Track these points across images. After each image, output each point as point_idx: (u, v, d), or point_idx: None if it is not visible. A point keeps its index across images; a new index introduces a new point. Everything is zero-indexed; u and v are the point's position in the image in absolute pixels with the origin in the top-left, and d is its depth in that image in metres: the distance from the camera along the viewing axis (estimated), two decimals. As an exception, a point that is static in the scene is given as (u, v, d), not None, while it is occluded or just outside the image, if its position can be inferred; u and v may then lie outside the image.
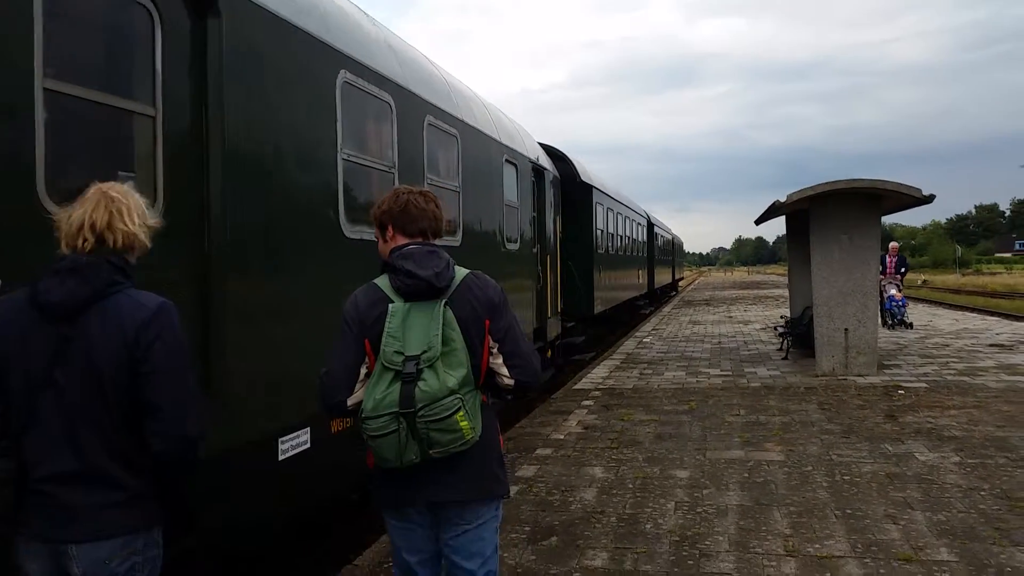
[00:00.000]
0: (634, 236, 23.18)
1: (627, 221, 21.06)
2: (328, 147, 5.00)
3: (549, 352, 11.65)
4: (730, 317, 24.63)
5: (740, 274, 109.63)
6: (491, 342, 2.84)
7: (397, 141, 6.02)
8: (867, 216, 11.90)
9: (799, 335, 14.20)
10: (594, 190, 15.12)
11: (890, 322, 18.02)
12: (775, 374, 12.18)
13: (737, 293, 42.43)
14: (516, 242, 9.68)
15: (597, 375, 12.66)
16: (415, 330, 2.71)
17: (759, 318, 23.78)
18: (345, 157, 5.18)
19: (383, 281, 2.86)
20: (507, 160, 9.26)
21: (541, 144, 12.77)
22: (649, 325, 22.50)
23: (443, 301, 2.77)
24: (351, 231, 5.18)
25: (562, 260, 13.39)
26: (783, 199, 11.77)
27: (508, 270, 9.28)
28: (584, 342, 14.23)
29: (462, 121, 7.59)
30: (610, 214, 17.51)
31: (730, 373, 12.42)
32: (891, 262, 18.46)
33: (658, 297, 34.21)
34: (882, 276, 17.38)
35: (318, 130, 4.87)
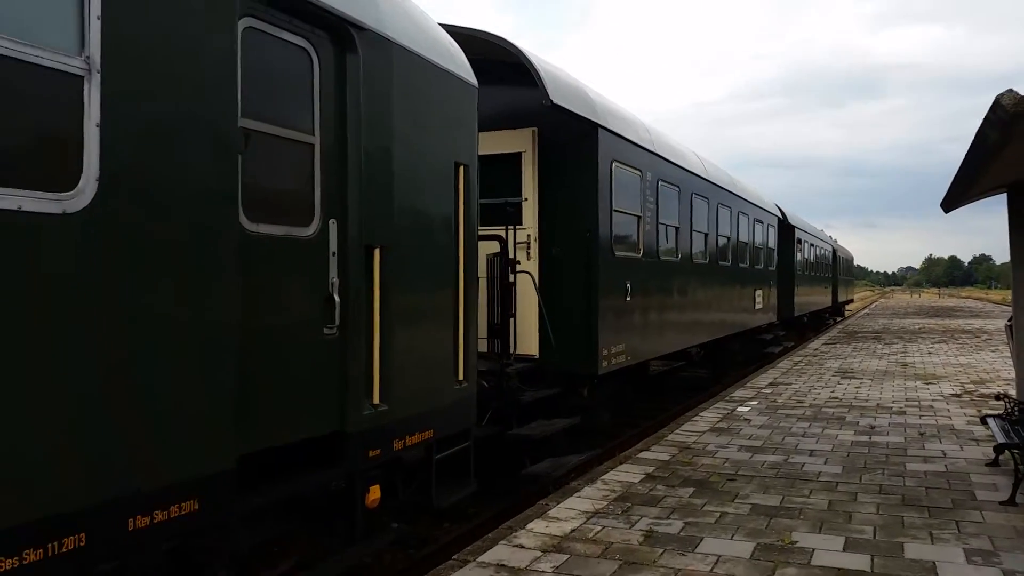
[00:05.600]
0: (745, 237, 15.31)
1: (720, 208, 13.19)
2: None
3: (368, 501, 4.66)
4: (904, 365, 16.18)
5: (929, 296, 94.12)
6: None
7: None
8: None
9: (1047, 452, 6.33)
10: (600, 127, 7.59)
11: None
12: (991, 585, 4.54)
13: (922, 323, 32.59)
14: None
15: (533, 542, 5.53)
16: None
17: (951, 371, 15.20)
18: None
19: None
20: None
21: (446, 26, 5.84)
22: (768, 376, 14.63)
23: None
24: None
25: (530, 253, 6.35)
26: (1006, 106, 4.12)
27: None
28: (570, 428, 7.04)
29: None
30: (661, 186, 9.58)
31: (865, 567, 4.88)
32: None
33: (804, 326, 25.65)
34: None
35: None
